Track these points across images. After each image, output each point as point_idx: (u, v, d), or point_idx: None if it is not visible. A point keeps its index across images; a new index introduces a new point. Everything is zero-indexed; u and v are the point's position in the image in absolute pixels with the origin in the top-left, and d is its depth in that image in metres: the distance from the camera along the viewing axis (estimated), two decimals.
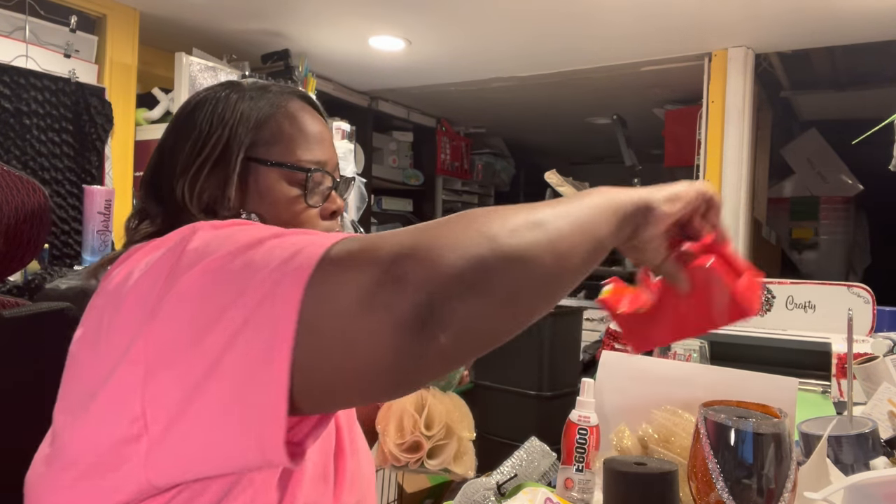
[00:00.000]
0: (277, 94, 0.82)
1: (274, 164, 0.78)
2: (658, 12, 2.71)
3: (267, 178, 0.78)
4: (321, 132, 0.83)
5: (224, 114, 0.78)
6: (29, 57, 2.38)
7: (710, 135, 3.18)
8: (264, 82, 0.85)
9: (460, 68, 3.62)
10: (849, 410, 1.04)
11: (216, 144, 0.77)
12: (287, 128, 0.80)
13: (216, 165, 0.77)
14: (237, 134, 0.77)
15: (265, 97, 0.81)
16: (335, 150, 0.86)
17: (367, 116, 4.20)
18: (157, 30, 2.96)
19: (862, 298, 2.25)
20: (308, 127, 0.81)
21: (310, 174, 0.79)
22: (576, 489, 0.96)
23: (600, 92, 3.97)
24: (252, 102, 0.80)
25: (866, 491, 0.71)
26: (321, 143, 0.82)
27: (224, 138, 0.77)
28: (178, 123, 0.81)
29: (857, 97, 3.81)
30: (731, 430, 0.66)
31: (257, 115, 0.79)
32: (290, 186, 0.79)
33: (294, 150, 0.79)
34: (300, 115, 0.82)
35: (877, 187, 4.16)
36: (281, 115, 0.80)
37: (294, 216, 0.79)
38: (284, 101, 0.81)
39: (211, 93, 0.82)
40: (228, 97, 0.80)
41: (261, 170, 0.78)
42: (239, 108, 0.79)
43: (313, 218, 0.80)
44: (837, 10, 2.62)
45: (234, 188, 0.76)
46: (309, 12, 2.84)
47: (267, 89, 0.82)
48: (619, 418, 1.01)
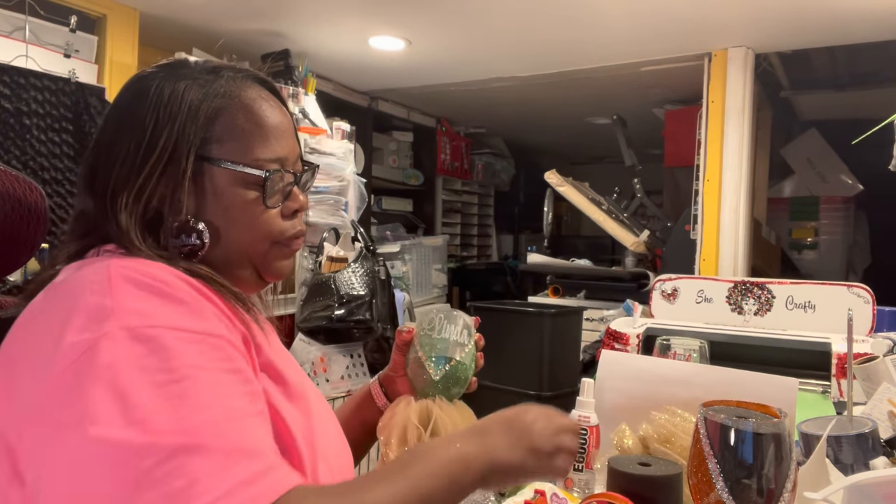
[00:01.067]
0: (230, 80, 0.74)
1: (229, 164, 0.71)
2: (658, 12, 2.71)
3: (221, 180, 0.72)
4: (280, 122, 0.76)
5: (170, 108, 0.70)
6: (29, 57, 2.38)
7: (710, 135, 3.18)
8: (215, 63, 0.77)
9: (460, 68, 3.62)
10: (849, 410, 1.04)
11: (164, 146, 0.69)
12: (242, 122, 0.73)
13: (165, 167, 0.70)
14: (186, 133, 0.70)
15: (216, 83, 0.73)
16: (296, 140, 0.79)
17: (367, 116, 4.20)
18: (157, 30, 2.96)
19: (862, 298, 2.25)
20: (266, 119, 0.74)
21: (268, 176, 0.73)
22: (576, 489, 0.96)
23: (600, 92, 3.97)
24: (201, 91, 0.72)
25: (866, 491, 0.71)
26: (280, 137, 0.75)
27: (172, 138, 0.69)
28: (117, 116, 0.73)
29: (857, 97, 3.81)
30: (731, 430, 0.66)
31: (207, 109, 0.71)
32: (246, 188, 0.72)
33: (251, 147, 0.72)
34: (256, 105, 0.74)
35: (877, 187, 4.16)
36: (235, 107, 0.73)
37: (252, 219, 0.73)
38: (238, 89, 0.74)
39: (153, 79, 0.73)
40: (175, 86, 0.71)
41: (214, 170, 0.71)
42: (187, 100, 0.71)
43: (273, 219, 0.75)
44: (837, 10, 2.62)
45: (186, 192, 0.70)
46: (309, 12, 2.84)
47: (218, 73, 0.74)
48: (619, 418, 1.01)
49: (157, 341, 0.57)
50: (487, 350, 0.94)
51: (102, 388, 0.54)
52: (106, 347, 0.56)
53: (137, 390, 0.54)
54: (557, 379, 2.96)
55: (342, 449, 0.81)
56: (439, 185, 4.95)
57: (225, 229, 0.73)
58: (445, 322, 0.89)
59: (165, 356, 0.57)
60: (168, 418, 0.54)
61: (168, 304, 0.61)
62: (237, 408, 0.58)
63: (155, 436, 0.52)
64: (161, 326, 0.58)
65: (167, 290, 0.62)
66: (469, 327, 0.90)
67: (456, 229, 5.22)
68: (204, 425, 0.55)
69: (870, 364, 1.31)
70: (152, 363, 0.56)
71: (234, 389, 0.60)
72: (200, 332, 0.60)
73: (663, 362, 1.15)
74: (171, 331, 0.58)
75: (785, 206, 4.49)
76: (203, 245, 0.71)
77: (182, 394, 0.55)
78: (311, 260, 3.01)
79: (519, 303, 3.56)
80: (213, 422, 0.55)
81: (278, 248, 0.77)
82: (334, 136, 3.22)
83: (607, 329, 2.55)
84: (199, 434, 0.54)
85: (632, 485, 0.82)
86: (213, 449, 0.53)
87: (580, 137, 5.45)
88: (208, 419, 0.55)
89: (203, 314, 0.63)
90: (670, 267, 3.18)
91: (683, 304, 2.57)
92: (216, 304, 0.66)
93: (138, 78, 0.74)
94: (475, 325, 0.93)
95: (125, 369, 0.55)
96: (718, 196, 3.15)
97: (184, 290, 0.63)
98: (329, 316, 2.71)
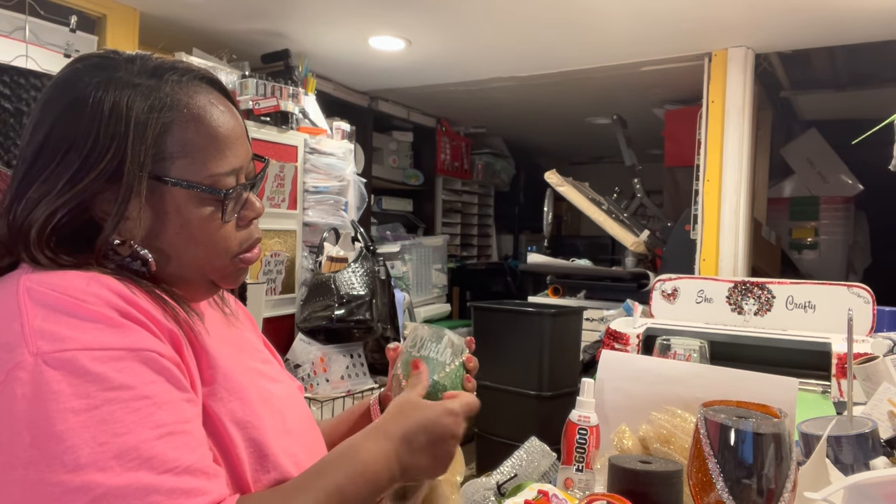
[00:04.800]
0: (175, 86, 0.68)
1: (183, 185, 0.67)
2: (658, 12, 2.71)
3: (174, 199, 0.67)
4: (233, 128, 0.71)
5: (114, 124, 0.64)
6: (29, 57, 2.38)
7: (710, 135, 3.18)
8: (154, 63, 0.69)
9: (460, 68, 3.62)
10: (849, 410, 1.04)
11: (106, 168, 0.64)
12: (193, 136, 0.67)
13: (105, 185, 0.64)
14: (136, 153, 0.64)
15: (161, 91, 0.67)
16: (248, 140, 0.74)
17: (367, 116, 4.20)
18: (157, 30, 2.96)
19: (862, 298, 2.25)
20: (219, 128, 0.69)
21: (227, 195, 0.69)
22: (576, 489, 0.96)
23: (600, 92, 3.97)
24: (145, 102, 0.65)
25: (866, 491, 0.71)
26: (233, 145, 0.70)
27: (117, 158, 0.64)
28: (46, 126, 0.65)
29: (857, 97, 3.81)
30: (731, 430, 0.66)
31: (156, 124, 0.65)
32: (202, 206, 0.68)
33: (205, 163, 0.68)
34: (206, 113, 0.69)
35: (877, 187, 4.16)
36: (185, 119, 0.67)
37: (209, 236, 0.70)
38: (186, 97, 0.68)
39: (87, 86, 0.65)
40: (115, 96, 0.65)
41: (165, 189, 0.67)
42: (133, 115, 0.64)
43: (231, 233, 0.72)
44: (837, 10, 2.62)
45: (137, 212, 0.65)
46: (309, 12, 2.84)
47: (161, 77, 0.68)
48: (619, 418, 1.01)
49: (73, 364, 0.55)
50: (488, 350, 0.93)
51: (21, 425, 0.53)
52: (19, 378, 0.54)
53: (53, 422, 0.53)
54: (557, 379, 2.96)
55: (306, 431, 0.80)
56: (439, 185, 4.95)
57: (179, 249, 0.69)
58: (428, 340, 0.85)
59: (82, 381, 0.55)
60: (87, 450, 0.53)
61: (82, 323, 0.58)
62: (164, 423, 0.58)
63: (72, 473, 0.52)
64: (75, 349, 0.56)
65: (80, 308, 0.59)
66: (455, 347, 0.85)
67: (456, 229, 5.22)
68: (127, 452, 0.55)
69: (870, 364, 1.30)
70: (65, 389, 0.54)
71: (161, 400, 0.59)
72: (119, 348, 0.58)
73: (663, 362, 1.15)
74: (87, 351, 0.56)
75: (785, 206, 4.49)
76: (147, 272, 0.69)
77: (103, 419, 0.55)
78: (311, 260, 3.01)
79: (519, 303, 3.56)
80: (135, 446, 0.55)
81: (237, 260, 0.74)
82: (334, 136, 3.22)
83: (607, 329, 2.55)
84: (122, 464, 0.54)
85: (633, 481, 0.82)
86: (132, 481, 0.54)
87: (580, 137, 5.44)
88: (132, 444, 0.55)
89: (122, 328, 0.60)
90: (670, 267, 3.18)
91: (683, 304, 2.57)
92: (138, 307, 0.62)
93: (69, 83, 0.67)
94: (469, 347, 0.88)
95: (40, 401, 0.54)
96: (718, 196, 3.15)
97: (99, 303, 0.60)
98: (329, 316, 2.71)
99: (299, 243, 3.00)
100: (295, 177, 2.97)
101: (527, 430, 1.47)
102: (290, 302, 2.95)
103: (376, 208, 4.46)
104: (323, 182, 3.07)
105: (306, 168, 3.02)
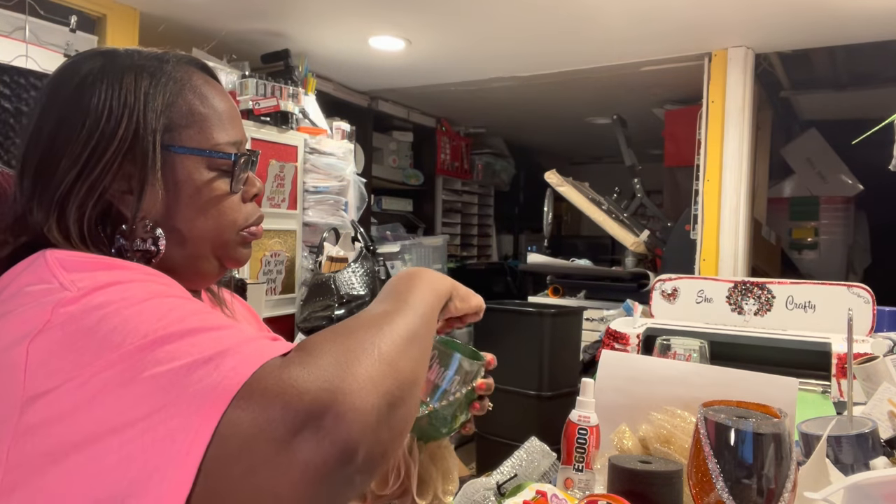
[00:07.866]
0: (176, 65, 0.71)
1: (194, 151, 0.69)
2: (658, 12, 2.71)
3: (184, 168, 0.69)
4: (231, 108, 0.75)
5: (124, 96, 0.66)
6: (29, 57, 2.38)
7: (710, 135, 3.18)
8: (151, 50, 0.73)
9: (460, 68, 3.62)
10: (849, 410, 1.04)
11: (123, 137, 0.65)
12: (199, 107, 0.70)
13: (123, 161, 0.66)
14: (147, 121, 0.66)
15: (164, 69, 0.70)
16: (241, 123, 0.78)
17: (367, 116, 4.20)
18: (157, 30, 2.96)
19: (862, 298, 2.26)
20: (218, 104, 0.73)
21: (236, 159, 0.72)
22: (576, 489, 0.96)
23: (600, 92, 3.97)
24: (153, 79, 0.68)
25: (866, 491, 0.71)
26: (233, 121, 0.74)
27: (132, 128, 0.66)
28: (59, 107, 0.67)
29: (857, 97, 3.82)
30: (731, 430, 0.66)
31: (164, 94, 0.68)
32: (209, 173, 0.70)
33: (211, 132, 0.71)
34: (206, 90, 0.72)
35: (877, 187, 4.16)
36: (189, 91, 0.70)
37: (218, 207, 0.71)
38: (187, 74, 0.72)
39: (93, 68, 0.68)
40: (123, 73, 0.68)
41: (177, 159, 0.69)
42: (141, 87, 0.67)
43: (238, 205, 0.74)
44: (837, 10, 2.62)
45: (150, 185, 0.66)
46: (309, 12, 2.84)
47: (162, 59, 0.71)
48: (619, 418, 1.01)
49: (115, 285, 0.55)
50: (488, 350, 0.91)
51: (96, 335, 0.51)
52: (65, 311, 0.53)
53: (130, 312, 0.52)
54: (557, 379, 2.96)
55: None
56: (439, 185, 4.95)
57: (190, 222, 0.70)
58: (435, 361, 0.77)
59: (129, 290, 0.55)
60: (171, 318, 0.53)
61: (115, 270, 0.58)
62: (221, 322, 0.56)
63: (170, 326, 0.51)
64: (112, 283, 0.56)
65: (113, 262, 0.60)
66: (466, 374, 0.79)
67: (456, 229, 5.22)
68: (206, 318, 0.54)
69: (870, 364, 1.31)
70: (121, 295, 0.54)
71: (209, 309, 0.58)
72: (153, 281, 0.59)
73: (663, 362, 1.15)
74: (123, 283, 0.56)
75: (785, 206, 4.49)
76: (158, 252, 0.69)
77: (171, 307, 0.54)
78: (311, 260, 3.01)
79: (519, 303, 3.56)
80: (206, 317, 0.55)
81: (244, 234, 0.76)
82: (334, 136, 3.22)
83: (607, 329, 2.55)
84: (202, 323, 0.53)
85: (633, 481, 0.82)
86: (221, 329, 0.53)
87: (580, 137, 5.45)
88: (200, 318, 0.54)
89: (155, 276, 0.61)
90: (670, 267, 3.18)
91: (683, 304, 2.57)
92: None
93: (75, 67, 0.69)
94: (488, 366, 0.83)
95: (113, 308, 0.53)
96: (718, 196, 3.15)
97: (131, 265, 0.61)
98: (329, 316, 2.71)
99: (299, 243, 3.00)
100: (295, 177, 2.97)
101: (527, 430, 1.46)
102: (290, 302, 2.95)
103: (376, 208, 4.47)
104: (323, 182, 3.07)
105: (306, 168, 3.02)
